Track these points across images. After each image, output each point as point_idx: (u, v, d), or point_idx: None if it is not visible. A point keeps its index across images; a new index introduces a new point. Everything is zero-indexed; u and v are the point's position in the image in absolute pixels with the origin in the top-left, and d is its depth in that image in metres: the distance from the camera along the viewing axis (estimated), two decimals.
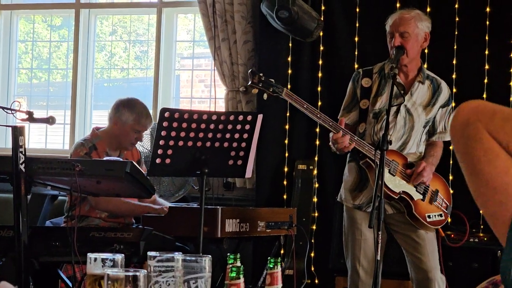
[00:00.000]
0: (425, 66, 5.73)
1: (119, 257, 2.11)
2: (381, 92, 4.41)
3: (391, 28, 4.35)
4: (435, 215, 4.39)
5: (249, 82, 4.27)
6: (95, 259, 2.09)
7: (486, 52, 5.95)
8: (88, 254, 2.11)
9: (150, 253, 2.05)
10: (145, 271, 1.84)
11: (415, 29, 4.34)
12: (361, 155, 4.30)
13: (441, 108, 4.45)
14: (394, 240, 4.52)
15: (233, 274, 2.11)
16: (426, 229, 4.38)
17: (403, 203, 4.34)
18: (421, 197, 4.35)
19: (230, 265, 2.19)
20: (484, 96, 5.88)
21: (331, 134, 4.27)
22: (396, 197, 4.30)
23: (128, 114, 4.86)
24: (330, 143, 4.34)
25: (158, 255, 2.04)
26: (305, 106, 4.26)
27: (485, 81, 5.94)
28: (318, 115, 4.25)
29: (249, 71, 4.31)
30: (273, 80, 4.27)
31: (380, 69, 4.48)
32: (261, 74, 4.26)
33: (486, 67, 5.95)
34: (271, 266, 2.25)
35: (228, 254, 2.30)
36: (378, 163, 4.12)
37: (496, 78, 5.94)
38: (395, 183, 4.29)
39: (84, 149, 4.78)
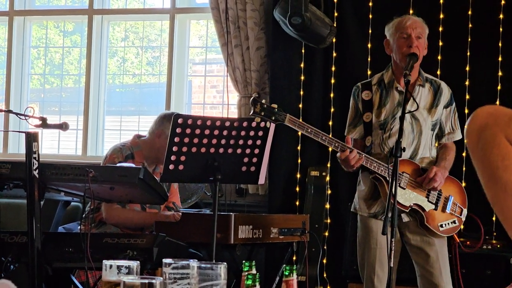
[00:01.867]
0: (438, 73, 5.75)
1: (135, 264, 2.11)
2: (384, 103, 4.38)
3: (407, 29, 4.32)
4: (448, 223, 4.36)
5: (251, 112, 4.14)
6: (111, 266, 2.09)
7: (500, 59, 5.92)
8: (103, 261, 2.11)
9: (165, 260, 2.05)
10: (161, 278, 1.83)
11: (425, 33, 4.40)
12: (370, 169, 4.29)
13: (444, 108, 4.43)
14: None
15: (249, 282, 2.11)
16: (439, 237, 4.35)
17: (416, 214, 4.32)
18: (433, 207, 4.32)
19: (246, 273, 2.18)
20: (497, 103, 5.85)
21: (338, 155, 4.23)
22: (407, 210, 4.28)
23: None
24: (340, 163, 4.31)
25: (173, 262, 2.04)
26: (309, 130, 4.19)
27: (498, 87, 5.92)
28: (323, 137, 4.18)
29: (251, 99, 4.16)
30: (275, 106, 4.13)
31: (379, 80, 4.46)
32: (263, 102, 4.13)
33: (499, 73, 5.92)
34: (287, 273, 2.25)
35: (244, 261, 2.30)
36: (388, 178, 4.09)
37: (510, 84, 5.91)
38: (406, 197, 4.26)
39: (120, 156, 4.68)
